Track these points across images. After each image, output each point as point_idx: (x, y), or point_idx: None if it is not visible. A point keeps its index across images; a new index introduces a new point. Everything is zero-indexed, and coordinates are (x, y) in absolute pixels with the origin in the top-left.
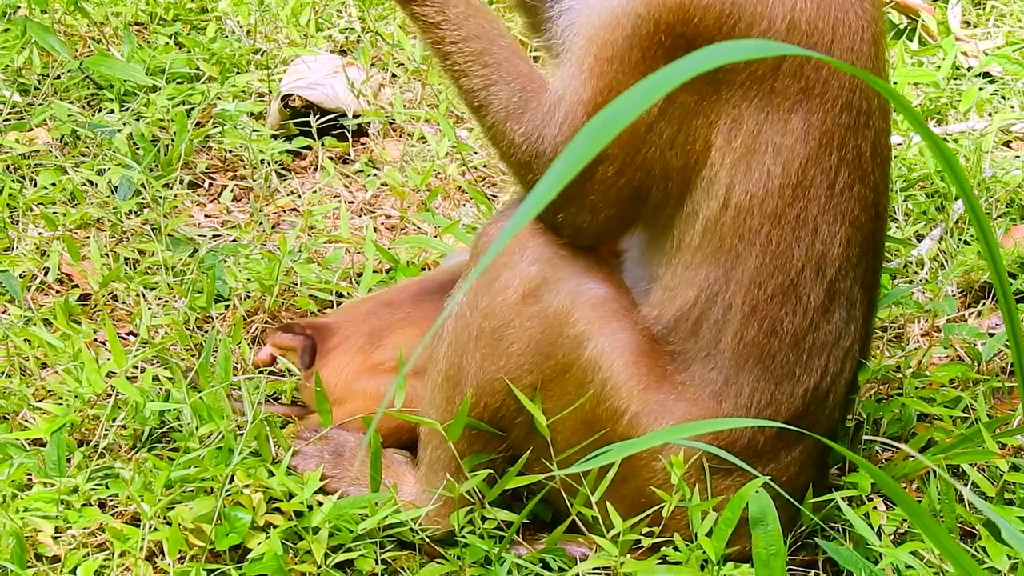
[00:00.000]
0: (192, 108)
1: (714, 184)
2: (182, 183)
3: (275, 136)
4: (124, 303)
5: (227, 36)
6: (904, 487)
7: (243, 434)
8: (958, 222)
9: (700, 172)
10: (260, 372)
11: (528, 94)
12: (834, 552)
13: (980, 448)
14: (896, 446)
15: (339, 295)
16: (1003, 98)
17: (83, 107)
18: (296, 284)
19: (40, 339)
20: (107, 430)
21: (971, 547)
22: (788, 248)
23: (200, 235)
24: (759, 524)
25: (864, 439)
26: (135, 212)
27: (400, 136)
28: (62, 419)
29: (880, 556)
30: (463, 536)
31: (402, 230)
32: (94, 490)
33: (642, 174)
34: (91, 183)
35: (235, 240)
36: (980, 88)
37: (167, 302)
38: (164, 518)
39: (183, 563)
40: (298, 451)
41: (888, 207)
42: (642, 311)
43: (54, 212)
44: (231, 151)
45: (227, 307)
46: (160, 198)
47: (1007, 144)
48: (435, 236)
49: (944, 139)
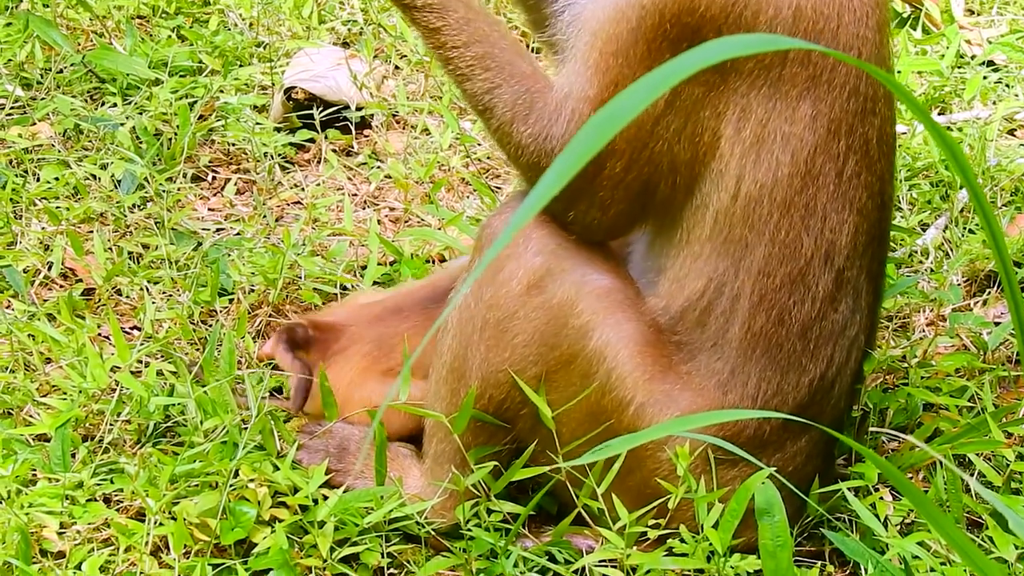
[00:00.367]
0: (195, 101)
1: (724, 175)
2: (185, 177)
3: (278, 129)
4: (128, 297)
5: (230, 29)
6: (910, 477)
7: (248, 428)
8: (963, 211)
9: (708, 164)
10: (264, 366)
11: (533, 95)
12: (840, 543)
13: (986, 438)
14: (902, 436)
15: (343, 288)
16: (1007, 86)
17: (86, 101)
18: (300, 277)
19: (44, 334)
20: (111, 425)
21: (978, 537)
22: (798, 237)
23: (204, 229)
24: (765, 515)
25: (870, 429)
26: (138, 206)
27: (403, 128)
28: (66, 414)
29: (887, 546)
30: (469, 529)
31: (406, 222)
32: (99, 485)
33: (650, 169)
34: (94, 177)
35: (239, 234)
36: (984, 77)
37: (171, 296)
38: (169, 513)
39: (188, 558)
40: (303, 445)
41: (893, 196)
42: (648, 302)
43: (57, 206)
44: (234, 144)
45: (231, 301)
46: (163, 192)
47: (1011, 133)
48: (439, 228)
49: (948, 128)
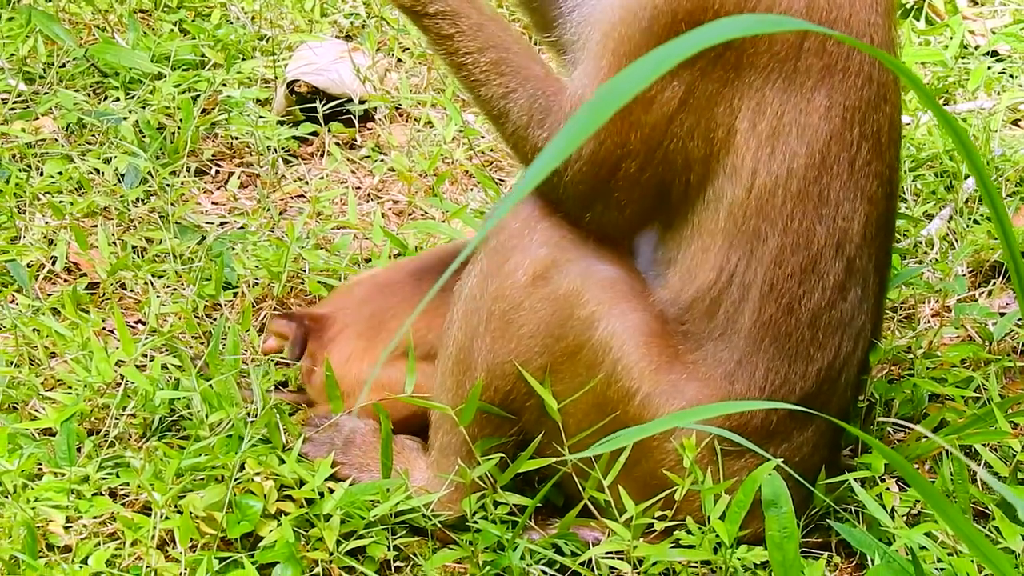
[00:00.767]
0: (198, 95)
1: (739, 170)
2: (189, 170)
3: (281, 122)
4: (132, 291)
5: (232, 23)
6: (917, 468)
7: (253, 422)
8: (968, 201)
9: (723, 159)
10: (269, 359)
11: (548, 98)
12: (847, 533)
13: (993, 428)
14: (908, 427)
15: None
16: (1011, 76)
17: (89, 95)
18: (304, 271)
19: (49, 328)
20: (117, 419)
21: (985, 527)
22: (811, 226)
23: (207, 222)
24: (772, 506)
25: (876, 420)
26: (142, 200)
27: (407, 121)
28: (72, 408)
29: (893, 537)
30: (475, 521)
31: (410, 215)
32: (105, 479)
33: (665, 167)
34: (98, 171)
35: (243, 227)
36: (988, 67)
37: (175, 290)
38: (175, 506)
39: (195, 551)
40: (309, 438)
41: (900, 185)
42: (656, 293)
43: (61, 201)
44: (237, 138)
45: (235, 294)
46: (167, 186)
47: (1015, 123)
48: (443, 221)
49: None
